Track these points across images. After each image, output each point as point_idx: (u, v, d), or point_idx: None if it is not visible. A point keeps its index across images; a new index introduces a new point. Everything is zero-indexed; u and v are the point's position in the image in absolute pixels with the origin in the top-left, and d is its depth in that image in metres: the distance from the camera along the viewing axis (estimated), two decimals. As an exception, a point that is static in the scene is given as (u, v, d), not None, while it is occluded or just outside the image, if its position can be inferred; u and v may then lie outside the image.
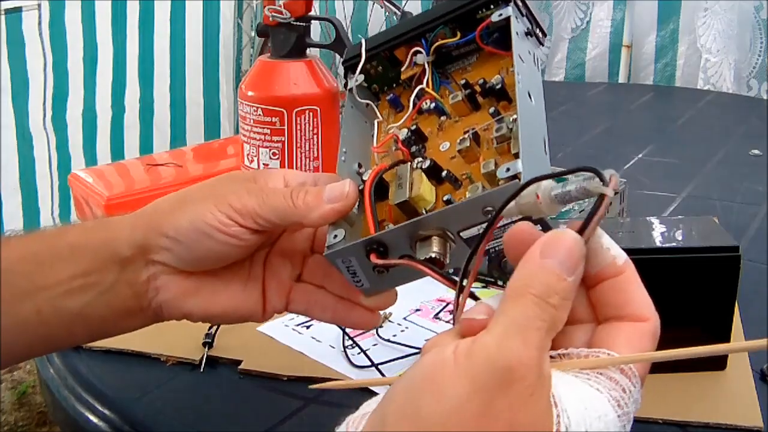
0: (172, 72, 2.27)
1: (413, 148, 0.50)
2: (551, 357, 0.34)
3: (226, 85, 2.38)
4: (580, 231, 0.35)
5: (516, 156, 0.44)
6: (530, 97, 0.47)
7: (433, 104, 0.51)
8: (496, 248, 0.45)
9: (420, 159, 0.48)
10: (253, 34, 2.39)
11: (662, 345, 0.66)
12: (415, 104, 0.52)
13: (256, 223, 0.47)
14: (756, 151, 1.27)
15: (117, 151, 2.21)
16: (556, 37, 2.39)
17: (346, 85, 0.56)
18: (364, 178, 0.49)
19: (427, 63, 0.53)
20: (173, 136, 2.31)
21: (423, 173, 0.47)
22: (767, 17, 2.06)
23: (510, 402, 0.30)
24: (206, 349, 0.69)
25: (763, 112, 1.50)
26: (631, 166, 1.23)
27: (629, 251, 0.65)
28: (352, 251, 0.46)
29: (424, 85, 0.52)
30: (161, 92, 2.27)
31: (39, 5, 1.97)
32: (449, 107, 0.51)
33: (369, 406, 0.35)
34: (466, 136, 0.48)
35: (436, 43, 0.53)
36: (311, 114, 0.92)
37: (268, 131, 0.92)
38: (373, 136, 0.54)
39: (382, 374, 0.64)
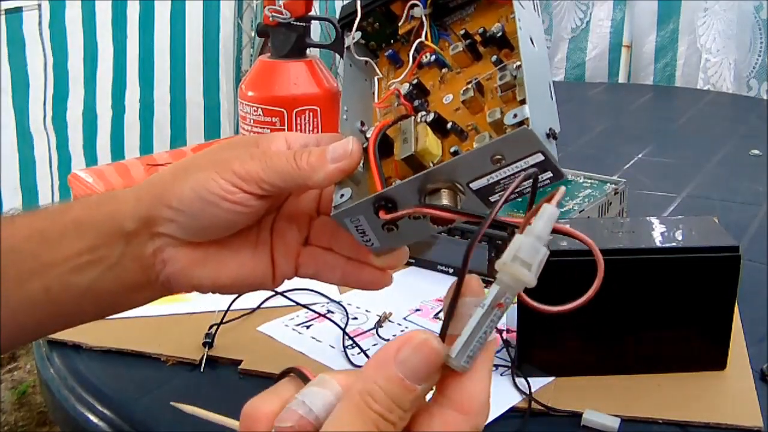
0: (172, 72, 2.27)
1: (416, 102, 0.49)
2: None
3: (226, 85, 2.38)
4: (443, 335, 0.33)
5: (522, 102, 0.43)
6: (533, 43, 0.47)
7: (433, 57, 0.50)
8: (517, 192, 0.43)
9: (424, 112, 0.47)
10: (253, 34, 2.39)
11: (662, 345, 0.66)
12: (414, 58, 0.51)
13: (261, 188, 0.47)
14: (756, 151, 1.27)
15: (117, 151, 2.21)
16: (556, 37, 2.39)
17: (343, 45, 0.55)
18: (368, 135, 0.48)
19: (425, 16, 0.52)
20: (173, 136, 2.31)
21: (428, 126, 0.46)
22: (767, 17, 2.06)
23: None
24: (206, 349, 0.69)
25: (763, 112, 1.50)
26: (631, 166, 1.23)
27: (629, 251, 0.66)
28: (360, 209, 0.45)
29: (423, 38, 0.51)
30: (161, 92, 2.27)
31: (39, 5, 1.97)
32: (450, 59, 0.50)
33: None
34: (469, 86, 0.47)
35: None
36: (311, 114, 0.92)
37: (268, 131, 0.92)
38: (373, 93, 0.53)
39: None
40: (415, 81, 0.50)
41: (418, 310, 0.76)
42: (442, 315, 0.75)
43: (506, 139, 0.41)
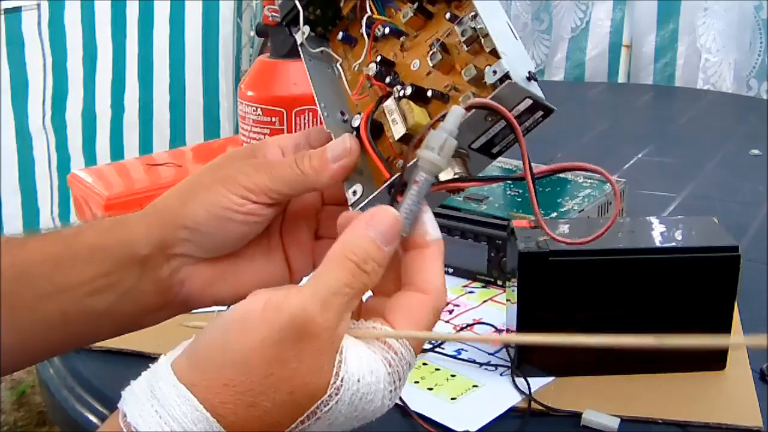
0: (172, 72, 2.27)
1: (388, 79, 0.49)
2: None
3: (225, 85, 2.37)
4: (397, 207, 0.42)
5: (492, 52, 0.44)
6: None
7: (386, 28, 0.51)
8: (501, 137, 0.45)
9: (399, 87, 0.48)
10: (252, 34, 2.39)
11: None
12: (368, 35, 0.51)
13: (269, 198, 0.48)
14: (756, 151, 1.27)
15: (117, 151, 2.21)
16: (555, 36, 2.38)
17: (294, 41, 0.55)
18: (353, 124, 0.49)
19: None
20: (173, 136, 2.31)
21: (410, 100, 0.47)
22: (767, 17, 2.06)
23: (299, 353, 0.37)
24: (206, 349, 0.69)
25: (763, 112, 1.50)
26: (631, 166, 1.23)
27: (629, 251, 0.66)
28: (378, 200, 0.46)
29: (369, 12, 0.52)
30: (161, 92, 2.27)
31: (38, 5, 1.97)
32: (403, 26, 0.50)
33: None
34: (434, 49, 0.47)
35: None
36: (311, 114, 0.92)
37: (268, 131, 0.92)
38: (339, 77, 0.54)
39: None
40: (378, 58, 0.50)
41: (417, 310, 0.76)
42: (441, 314, 0.75)
43: (494, 97, 0.42)
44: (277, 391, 0.37)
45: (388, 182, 0.45)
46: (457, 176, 0.44)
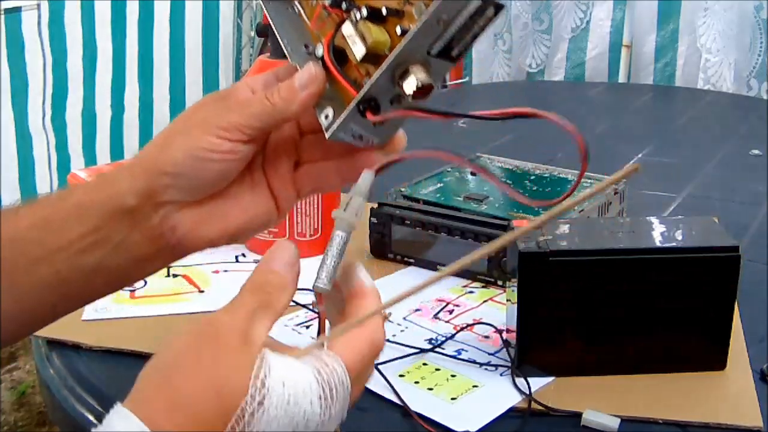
0: (172, 72, 2.27)
1: (344, 6, 0.51)
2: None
3: (226, 85, 2.37)
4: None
5: None
6: None
7: None
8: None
9: (354, 10, 0.49)
10: (252, 34, 2.39)
11: (662, 345, 0.66)
12: None
13: (245, 134, 0.50)
14: (756, 151, 1.27)
15: (117, 151, 2.21)
16: (556, 37, 2.39)
17: None
18: (317, 53, 0.51)
19: None
20: (173, 136, 2.31)
21: (367, 21, 0.49)
22: (767, 17, 2.06)
23: (215, 352, 0.40)
24: (206, 349, 0.69)
25: (763, 112, 1.50)
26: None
27: (629, 251, 0.66)
28: (350, 119, 0.48)
29: None
30: (161, 92, 2.27)
31: (38, 5, 1.97)
32: None
33: None
34: None
35: None
36: (311, 114, 0.92)
37: (268, 131, 0.92)
38: (300, 15, 0.55)
39: (381, 373, 0.64)
40: None
41: (417, 310, 0.76)
42: (441, 314, 0.75)
43: (442, 1, 0.44)
44: (204, 392, 0.39)
45: (357, 99, 0.47)
46: (417, 94, 0.46)
